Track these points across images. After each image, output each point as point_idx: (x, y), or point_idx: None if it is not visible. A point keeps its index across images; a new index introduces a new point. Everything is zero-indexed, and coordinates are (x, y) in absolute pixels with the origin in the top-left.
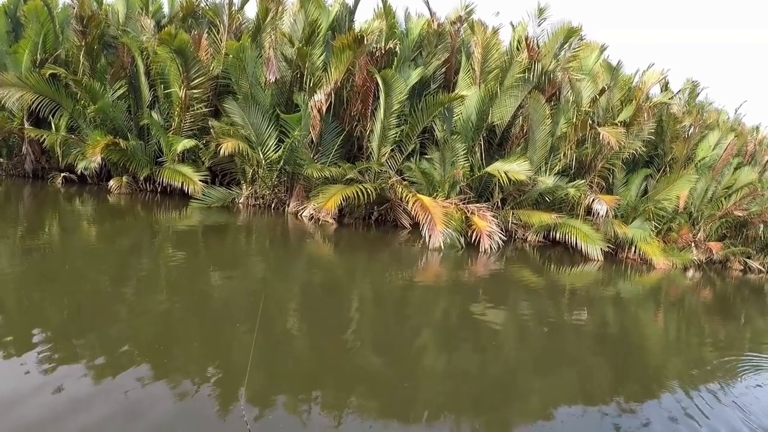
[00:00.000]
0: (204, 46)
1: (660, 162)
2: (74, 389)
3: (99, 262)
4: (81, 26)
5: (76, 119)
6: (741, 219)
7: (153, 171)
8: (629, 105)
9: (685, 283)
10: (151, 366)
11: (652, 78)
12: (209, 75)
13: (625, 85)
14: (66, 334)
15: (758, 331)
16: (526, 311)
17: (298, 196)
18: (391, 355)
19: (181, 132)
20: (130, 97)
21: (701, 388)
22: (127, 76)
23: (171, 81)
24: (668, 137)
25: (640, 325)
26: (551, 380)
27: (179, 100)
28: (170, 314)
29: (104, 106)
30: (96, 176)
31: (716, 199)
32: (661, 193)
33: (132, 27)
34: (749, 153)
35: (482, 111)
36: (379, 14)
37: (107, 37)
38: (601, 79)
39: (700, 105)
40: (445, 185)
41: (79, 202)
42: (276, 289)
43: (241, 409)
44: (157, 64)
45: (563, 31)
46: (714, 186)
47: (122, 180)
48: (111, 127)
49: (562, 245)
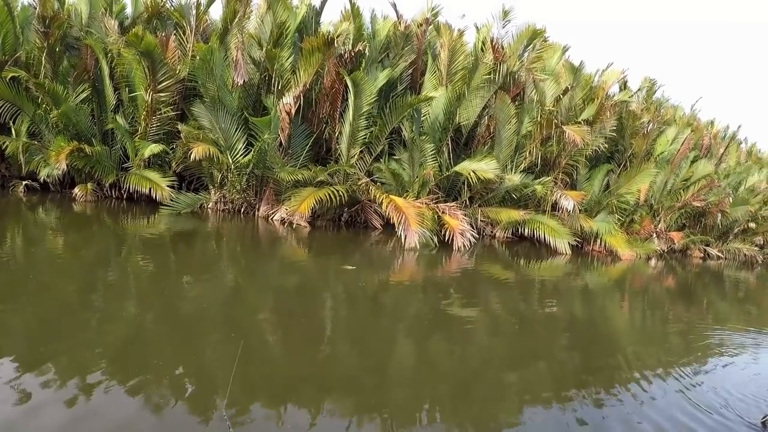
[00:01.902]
0: (171, 49)
1: (621, 157)
2: (43, 403)
3: (65, 274)
4: (43, 27)
5: (37, 124)
6: (699, 209)
7: (119, 177)
8: (591, 104)
9: (649, 272)
10: (124, 378)
11: (612, 77)
12: (177, 78)
13: (587, 85)
14: (32, 348)
15: (721, 312)
16: (507, 305)
17: (268, 199)
18: (378, 356)
19: (147, 137)
20: (93, 101)
21: (670, 370)
22: (90, 79)
23: (136, 84)
24: (628, 134)
25: (612, 314)
26: (530, 371)
27: (145, 103)
28: (140, 325)
29: (67, 110)
30: (59, 183)
31: (675, 191)
32: (623, 187)
33: (95, 28)
34: (705, 146)
35: (450, 111)
36: (346, 16)
37: (69, 38)
38: (564, 79)
39: (657, 102)
40: (415, 185)
41: (42, 211)
42: (260, 294)
43: (224, 416)
44: (122, 67)
45: (528, 33)
46: (673, 179)
47: (87, 187)
48: (74, 132)
49: (528, 240)
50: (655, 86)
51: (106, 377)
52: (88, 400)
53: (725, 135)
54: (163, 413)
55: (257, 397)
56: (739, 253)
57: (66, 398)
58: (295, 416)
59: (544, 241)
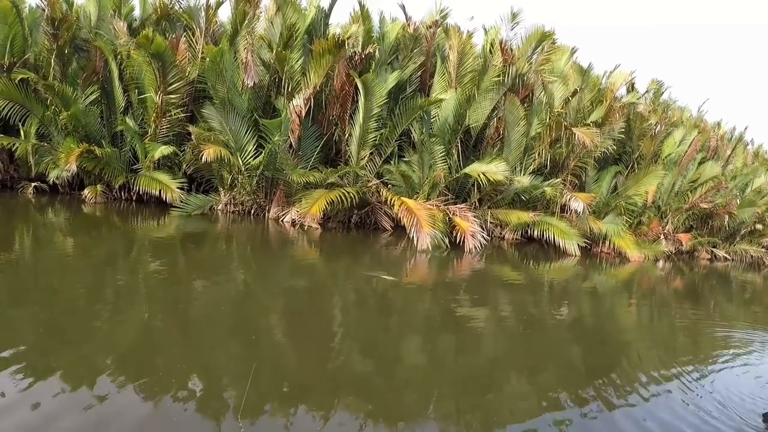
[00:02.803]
0: (182, 51)
1: (628, 159)
2: (54, 410)
3: (75, 277)
4: (52, 29)
5: (47, 126)
6: (706, 211)
7: (128, 179)
8: (600, 106)
9: (657, 273)
10: (134, 384)
11: (620, 79)
12: (186, 80)
13: (595, 87)
14: (41, 353)
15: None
16: (519, 306)
17: (279, 201)
18: (397, 357)
19: (156, 138)
20: (102, 103)
21: (678, 369)
22: (99, 81)
23: (146, 86)
24: (636, 135)
25: (621, 315)
26: (540, 370)
27: (155, 105)
28: (151, 329)
29: (77, 112)
30: (68, 185)
31: (683, 193)
32: (630, 188)
33: (104, 30)
34: (712, 148)
35: (459, 113)
36: (355, 18)
37: (78, 40)
38: (572, 81)
39: (664, 104)
40: (425, 187)
41: (51, 212)
42: (279, 296)
43: (240, 427)
44: (131, 69)
45: (536, 35)
46: (680, 180)
47: (97, 189)
48: (83, 133)
49: (537, 242)
50: (663, 88)
51: (116, 383)
52: (101, 405)
53: (732, 136)
54: (176, 421)
55: (272, 405)
56: (746, 255)
57: (77, 404)
58: (308, 415)
59: (552, 243)
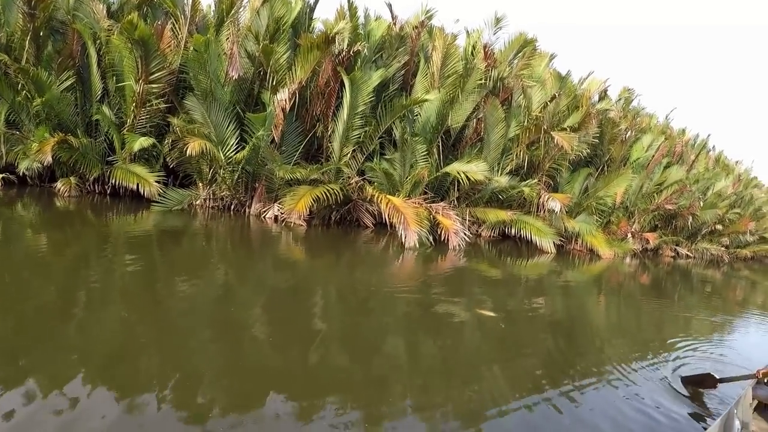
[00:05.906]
0: (167, 39)
1: (599, 162)
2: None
3: (46, 276)
4: (29, 8)
5: (17, 112)
6: (671, 212)
7: (104, 171)
8: (576, 111)
9: (626, 269)
10: (108, 387)
11: (594, 86)
12: (170, 69)
13: (571, 93)
14: (9, 357)
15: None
16: (506, 300)
17: (260, 197)
18: (399, 349)
19: (135, 129)
20: (77, 90)
21: (650, 358)
22: (75, 66)
23: (125, 73)
24: (607, 140)
25: (595, 308)
26: (517, 363)
27: (134, 94)
28: (126, 331)
29: (51, 98)
30: (38, 177)
31: (649, 195)
32: (601, 190)
33: (83, 12)
34: (677, 153)
35: (442, 114)
36: (341, 14)
37: (55, 21)
38: (550, 86)
39: (634, 110)
40: (406, 185)
41: (21, 206)
42: (286, 298)
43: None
44: (110, 55)
45: (519, 41)
46: (647, 183)
47: (71, 181)
48: (56, 122)
49: (511, 239)
50: (633, 96)
51: (89, 387)
52: (72, 409)
53: (695, 143)
54: (151, 423)
55: (253, 404)
56: (706, 253)
57: (48, 408)
58: (288, 413)
59: (526, 240)
